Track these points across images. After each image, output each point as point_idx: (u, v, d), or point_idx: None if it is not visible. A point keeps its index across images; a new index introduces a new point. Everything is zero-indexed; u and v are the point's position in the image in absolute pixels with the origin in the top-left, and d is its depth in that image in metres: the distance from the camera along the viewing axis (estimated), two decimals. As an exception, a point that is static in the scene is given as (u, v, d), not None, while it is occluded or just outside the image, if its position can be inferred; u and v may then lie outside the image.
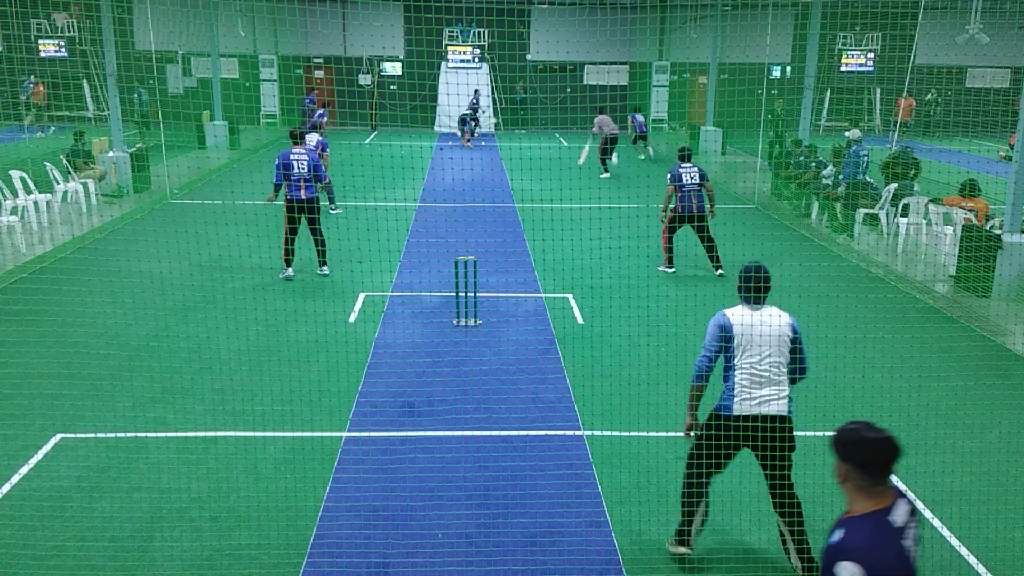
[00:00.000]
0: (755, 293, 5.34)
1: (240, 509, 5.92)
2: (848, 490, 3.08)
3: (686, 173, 12.23)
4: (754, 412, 5.22)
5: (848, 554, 2.90)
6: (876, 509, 3.03)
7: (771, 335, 5.26)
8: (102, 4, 17.08)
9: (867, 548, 2.91)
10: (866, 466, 3.03)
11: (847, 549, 2.92)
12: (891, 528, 3.00)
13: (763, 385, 5.23)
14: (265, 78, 32.41)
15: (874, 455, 3.05)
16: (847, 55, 32.00)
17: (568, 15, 32.64)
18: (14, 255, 12.41)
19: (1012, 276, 11.00)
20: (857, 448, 3.05)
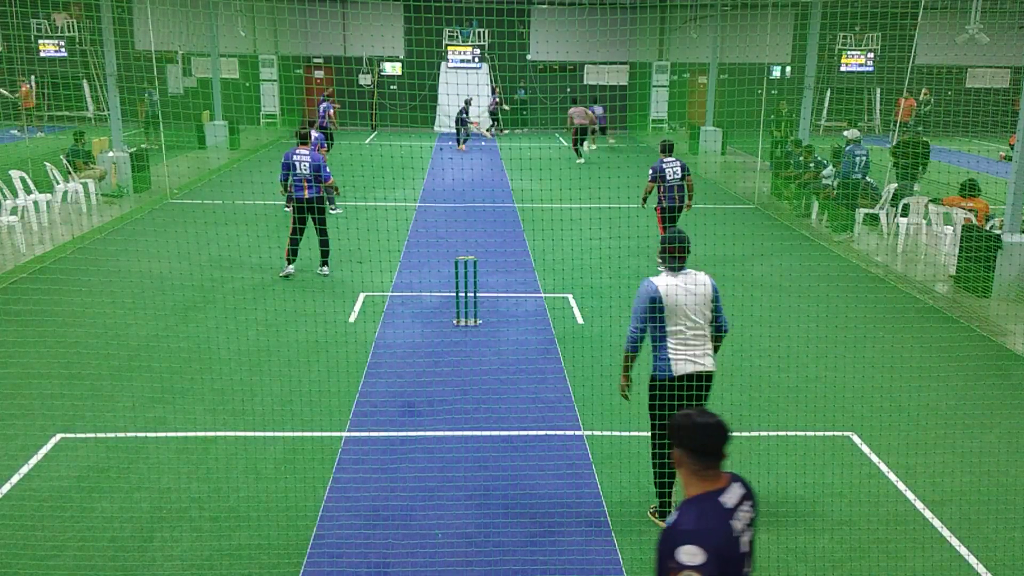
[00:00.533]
0: (677, 258, 5.72)
1: (240, 509, 5.92)
2: (683, 475, 3.13)
3: (669, 168, 12.37)
4: (691, 371, 5.57)
5: (684, 536, 2.94)
6: (708, 491, 3.09)
7: (695, 297, 5.62)
8: (102, 4, 17.08)
9: (698, 529, 2.97)
10: (696, 450, 3.09)
11: (681, 532, 2.97)
12: (721, 508, 3.05)
13: (694, 345, 5.59)
14: (265, 78, 32.40)
15: (704, 439, 3.10)
16: (847, 55, 32.00)
17: (568, 15, 32.63)
18: (14, 255, 12.41)
19: (1012, 276, 11.00)
20: (688, 433, 3.11)
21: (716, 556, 2.92)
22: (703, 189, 19.52)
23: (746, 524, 3.13)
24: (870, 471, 6.63)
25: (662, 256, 5.78)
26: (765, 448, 6.95)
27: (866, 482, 6.46)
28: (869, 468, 6.68)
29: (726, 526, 3.03)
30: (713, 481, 3.11)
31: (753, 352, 9.10)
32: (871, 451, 6.93)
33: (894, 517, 5.98)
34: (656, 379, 5.65)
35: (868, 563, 5.46)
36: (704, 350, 5.62)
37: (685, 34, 30.80)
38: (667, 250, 5.74)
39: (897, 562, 5.47)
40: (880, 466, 6.69)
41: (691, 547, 2.90)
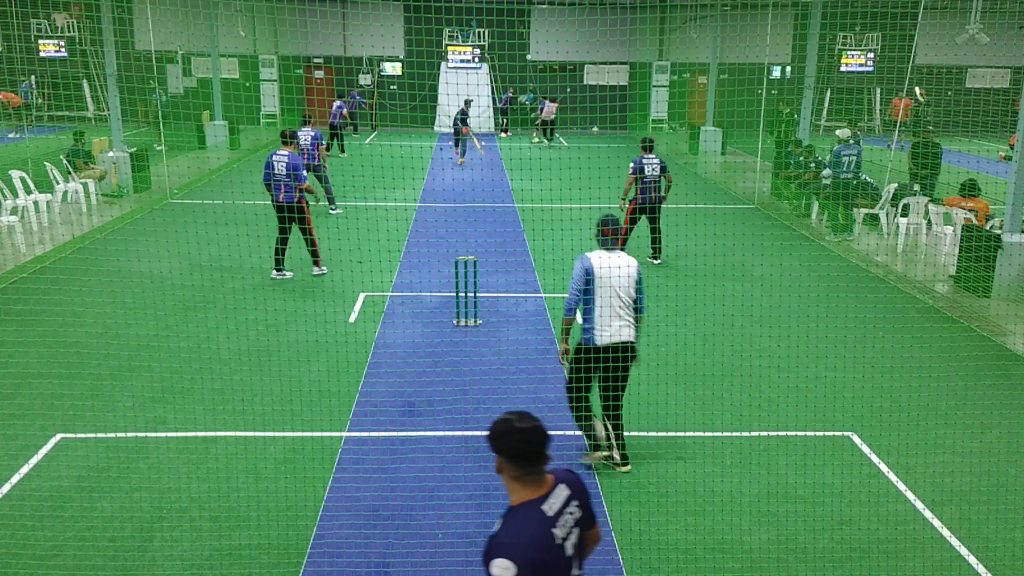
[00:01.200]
0: (611, 239, 6.37)
1: (240, 509, 5.92)
2: (505, 481, 3.11)
3: (648, 164, 12.50)
4: (612, 342, 6.24)
5: (500, 549, 2.94)
6: (530, 499, 3.07)
7: (622, 275, 6.27)
8: (102, 4, 17.08)
9: (516, 541, 2.96)
10: (516, 456, 3.06)
11: (497, 544, 2.96)
12: (541, 518, 3.04)
13: (617, 318, 6.24)
14: (265, 78, 32.40)
15: (523, 445, 3.07)
16: (847, 55, 31.99)
17: (568, 15, 32.63)
18: (14, 255, 12.41)
19: (1012, 276, 11.00)
20: (506, 439, 3.08)
21: (532, 568, 2.93)
22: (703, 189, 19.54)
23: (571, 527, 3.13)
24: (870, 471, 6.63)
25: (598, 237, 6.42)
26: (765, 448, 6.95)
27: (866, 482, 6.46)
28: (869, 468, 6.68)
29: (546, 535, 3.02)
30: (536, 487, 3.09)
31: (753, 352, 9.10)
32: (871, 451, 6.93)
33: (894, 517, 5.98)
34: (581, 346, 6.35)
35: (868, 563, 5.46)
36: (626, 323, 6.27)
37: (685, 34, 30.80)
38: (603, 231, 6.38)
39: (897, 562, 5.47)
40: (880, 466, 6.69)
41: (503, 560, 2.91)
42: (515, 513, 3.05)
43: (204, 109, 27.05)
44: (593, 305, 6.24)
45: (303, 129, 15.82)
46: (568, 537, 3.09)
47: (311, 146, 15.65)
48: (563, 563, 3.07)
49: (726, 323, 9.81)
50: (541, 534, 3.01)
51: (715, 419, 7.47)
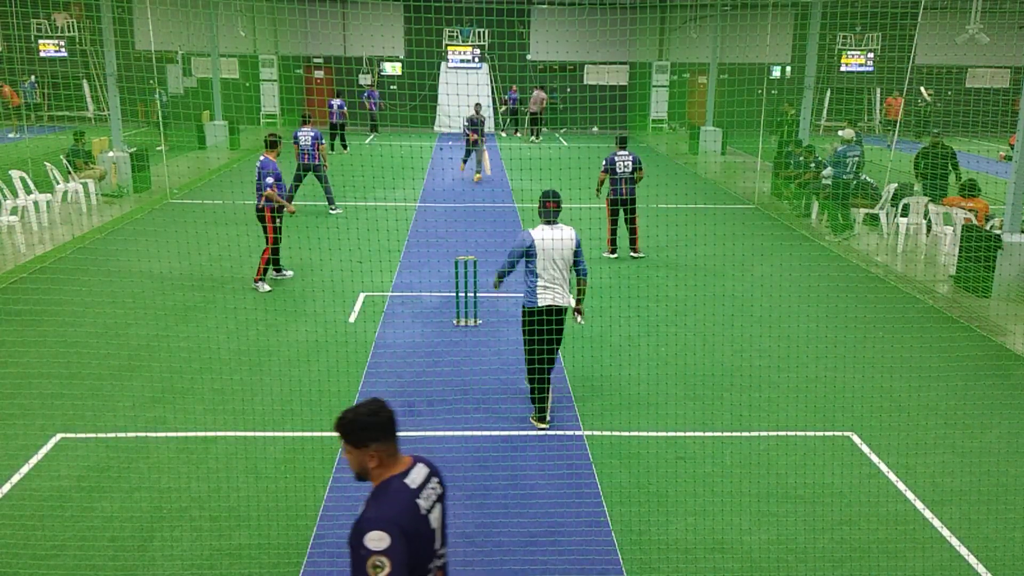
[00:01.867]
0: (552, 212, 7.12)
1: (240, 509, 5.92)
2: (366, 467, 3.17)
3: (620, 161, 12.83)
4: (551, 304, 7.01)
5: (369, 523, 3.01)
6: (392, 475, 3.17)
7: (562, 247, 7.00)
8: (102, 4, 17.08)
9: (386, 513, 3.05)
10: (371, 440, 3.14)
11: (367, 519, 3.03)
12: (406, 489, 3.14)
13: (555, 285, 7.00)
14: (265, 78, 32.41)
15: (375, 429, 3.15)
16: (847, 55, 32.00)
17: (568, 15, 32.63)
18: (14, 255, 12.41)
19: (1012, 276, 11.00)
20: (358, 427, 3.15)
21: (403, 537, 3.02)
22: (703, 189, 19.54)
23: (434, 501, 3.24)
24: (870, 471, 6.63)
25: (541, 210, 7.13)
26: (765, 448, 6.95)
27: (866, 482, 6.46)
28: (869, 468, 6.68)
29: (412, 505, 3.12)
30: (397, 464, 3.20)
31: (753, 352, 9.10)
32: (871, 451, 6.93)
33: (894, 517, 5.98)
34: (525, 309, 7.09)
35: (868, 563, 5.46)
36: (563, 289, 7.06)
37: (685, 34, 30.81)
38: (546, 205, 7.12)
39: (897, 562, 5.47)
40: (880, 466, 6.69)
41: (376, 532, 2.99)
42: (380, 490, 3.15)
43: (204, 109, 27.06)
44: (535, 275, 7.00)
45: (303, 129, 15.82)
46: (432, 510, 3.21)
47: (311, 146, 15.65)
48: (428, 535, 3.18)
49: (726, 323, 9.81)
50: (408, 504, 3.12)
51: (715, 419, 7.47)
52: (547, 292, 7.01)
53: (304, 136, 15.64)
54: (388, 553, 2.97)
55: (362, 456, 3.15)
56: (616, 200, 12.87)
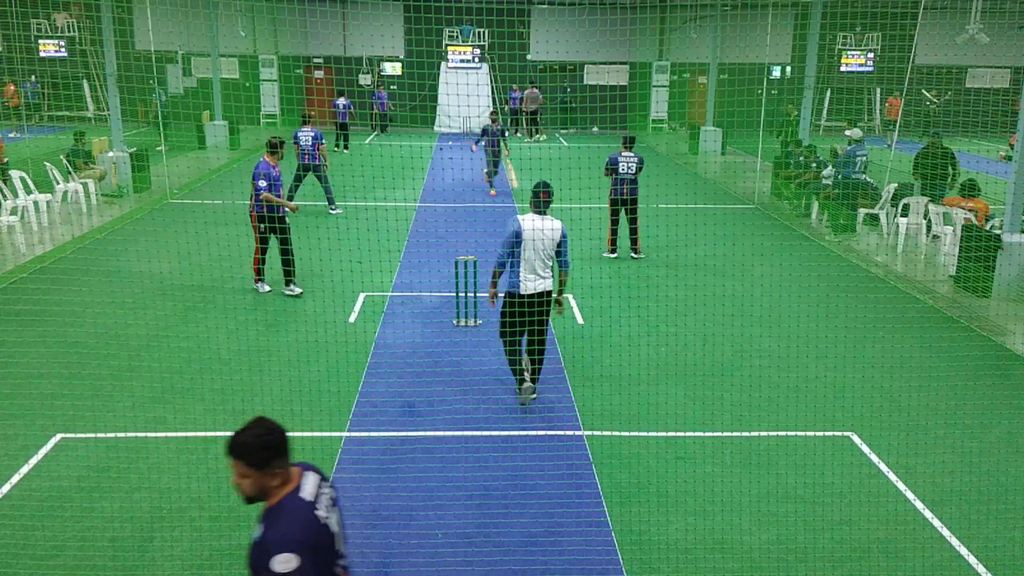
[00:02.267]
0: (542, 204, 7.39)
1: (240, 509, 5.89)
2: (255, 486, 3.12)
3: (624, 162, 12.77)
4: (533, 291, 7.33)
5: (277, 546, 2.97)
6: (287, 493, 3.13)
7: (547, 237, 7.30)
8: (102, 4, 17.09)
9: (289, 534, 3.01)
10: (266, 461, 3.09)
11: (270, 543, 2.99)
12: (304, 504, 3.12)
13: (539, 271, 7.33)
14: (265, 78, 32.41)
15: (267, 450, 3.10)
16: (847, 55, 32.00)
17: (568, 15, 32.63)
18: (14, 255, 12.41)
19: (1012, 276, 11.00)
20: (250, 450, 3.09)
21: (310, 552, 3.00)
22: (703, 189, 19.54)
23: (329, 507, 3.22)
24: (870, 471, 6.63)
25: (532, 200, 7.44)
26: (765, 448, 6.95)
27: (866, 482, 6.46)
28: (869, 468, 6.68)
29: (312, 519, 3.11)
30: (291, 480, 3.16)
31: (753, 352, 9.10)
32: (871, 451, 6.93)
33: (894, 517, 5.98)
34: (508, 293, 7.40)
35: (868, 563, 5.46)
36: (546, 275, 7.37)
37: (685, 34, 30.81)
38: (538, 195, 7.41)
39: (897, 562, 5.47)
40: (880, 466, 6.69)
41: (283, 555, 2.95)
42: (278, 509, 3.10)
43: (204, 109, 27.05)
44: (520, 260, 7.30)
45: (303, 129, 15.83)
46: (329, 517, 3.20)
47: (311, 146, 15.66)
48: (330, 543, 3.18)
49: (726, 323, 9.81)
50: (309, 519, 3.10)
51: (715, 419, 7.47)
52: (530, 279, 7.33)
53: (304, 136, 15.66)
54: (299, 573, 2.94)
55: (264, 477, 3.09)
56: (617, 200, 12.86)
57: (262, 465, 3.08)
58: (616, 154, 12.78)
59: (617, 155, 12.75)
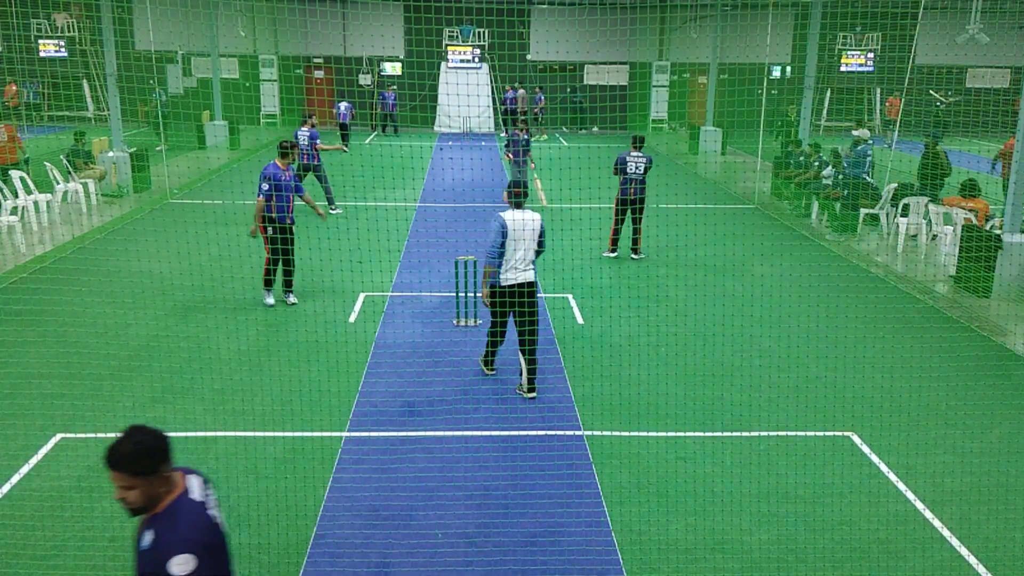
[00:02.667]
0: (518, 200, 7.78)
1: (240, 509, 5.92)
2: (143, 495, 3.06)
3: (633, 162, 12.70)
4: (516, 281, 7.70)
5: (173, 548, 2.94)
6: (176, 496, 3.10)
7: (528, 229, 7.69)
8: (102, 4, 17.08)
9: (183, 534, 2.98)
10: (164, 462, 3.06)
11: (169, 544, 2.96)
12: (195, 504, 3.10)
13: (521, 264, 7.70)
14: (265, 78, 32.41)
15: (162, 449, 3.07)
16: (847, 55, 32.00)
17: (568, 15, 32.64)
18: (14, 255, 12.41)
19: (1012, 276, 11.00)
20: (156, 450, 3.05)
21: (207, 552, 2.98)
22: (703, 189, 19.54)
23: (216, 505, 3.23)
24: (870, 471, 6.63)
25: (510, 198, 7.78)
26: (765, 448, 6.95)
27: (866, 482, 6.46)
28: (869, 468, 6.68)
29: (206, 518, 3.09)
30: (177, 484, 3.12)
31: (753, 352, 9.10)
32: (871, 451, 6.93)
33: (894, 517, 5.98)
34: (494, 286, 7.75)
35: (868, 563, 5.46)
36: (528, 266, 7.75)
37: (685, 34, 30.82)
38: (513, 193, 7.77)
39: (897, 562, 5.47)
40: (880, 466, 6.69)
41: (180, 556, 2.92)
42: (170, 513, 3.06)
43: (204, 109, 27.06)
44: (503, 255, 7.65)
45: (301, 129, 15.86)
46: (218, 515, 3.20)
47: (308, 145, 15.68)
48: (224, 541, 3.17)
49: (726, 323, 9.81)
50: (203, 519, 3.08)
51: (715, 419, 7.47)
52: (513, 272, 7.68)
53: (302, 136, 15.70)
54: (198, 573, 2.92)
55: (153, 484, 3.03)
56: (624, 200, 12.80)
57: (150, 472, 3.01)
58: (625, 153, 12.73)
59: (626, 155, 12.70)
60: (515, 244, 7.65)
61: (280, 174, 10.08)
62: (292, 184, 10.22)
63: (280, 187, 10.02)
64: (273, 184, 9.97)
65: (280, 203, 10.02)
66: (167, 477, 3.08)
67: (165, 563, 2.92)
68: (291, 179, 10.23)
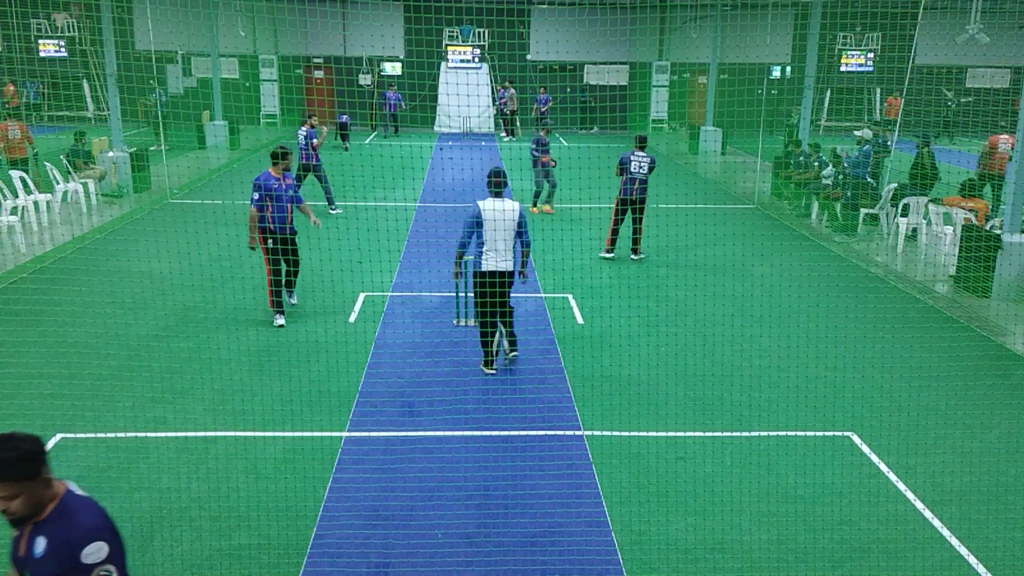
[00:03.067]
0: (496, 189, 8.21)
1: (240, 509, 5.92)
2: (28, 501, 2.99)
3: (635, 161, 12.64)
4: (495, 268, 8.10)
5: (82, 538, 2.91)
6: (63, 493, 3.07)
7: (506, 219, 8.00)
8: (102, 4, 17.08)
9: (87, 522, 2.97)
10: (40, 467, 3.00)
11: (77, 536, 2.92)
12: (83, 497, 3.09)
13: (500, 251, 8.06)
14: (265, 78, 32.40)
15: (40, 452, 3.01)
16: (847, 55, 32.01)
17: (568, 15, 32.63)
18: (14, 255, 12.41)
19: (1012, 276, 11.00)
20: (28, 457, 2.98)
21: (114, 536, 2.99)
22: (703, 189, 19.54)
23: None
24: (870, 471, 6.63)
25: (490, 188, 8.22)
26: (765, 448, 6.95)
27: (866, 482, 6.46)
28: (869, 468, 6.68)
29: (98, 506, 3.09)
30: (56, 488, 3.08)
31: (753, 352, 9.10)
32: (871, 451, 6.93)
33: (894, 517, 5.98)
34: (475, 272, 8.17)
35: (868, 563, 5.46)
36: (506, 255, 8.09)
37: (685, 34, 30.81)
38: (492, 182, 8.23)
39: (897, 562, 5.47)
40: (880, 466, 6.69)
41: (92, 544, 2.90)
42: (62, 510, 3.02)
43: (204, 109, 27.05)
44: (482, 241, 8.06)
45: (300, 129, 15.88)
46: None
47: (305, 145, 15.68)
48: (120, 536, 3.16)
49: (726, 323, 9.81)
50: (97, 507, 3.07)
51: (715, 419, 7.47)
52: (491, 258, 8.08)
53: (300, 136, 15.77)
54: (111, 560, 2.91)
55: (37, 488, 2.98)
56: (625, 200, 12.73)
57: (33, 475, 2.97)
58: (628, 153, 12.68)
59: (629, 154, 12.64)
60: (493, 232, 8.01)
61: (272, 183, 9.47)
62: (290, 194, 9.61)
63: (275, 196, 9.44)
64: (264, 193, 9.39)
65: (277, 213, 9.42)
66: (48, 480, 3.04)
67: (76, 558, 2.88)
68: (288, 188, 9.61)
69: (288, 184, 9.71)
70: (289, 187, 9.72)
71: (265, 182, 9.46)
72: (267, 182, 9.47)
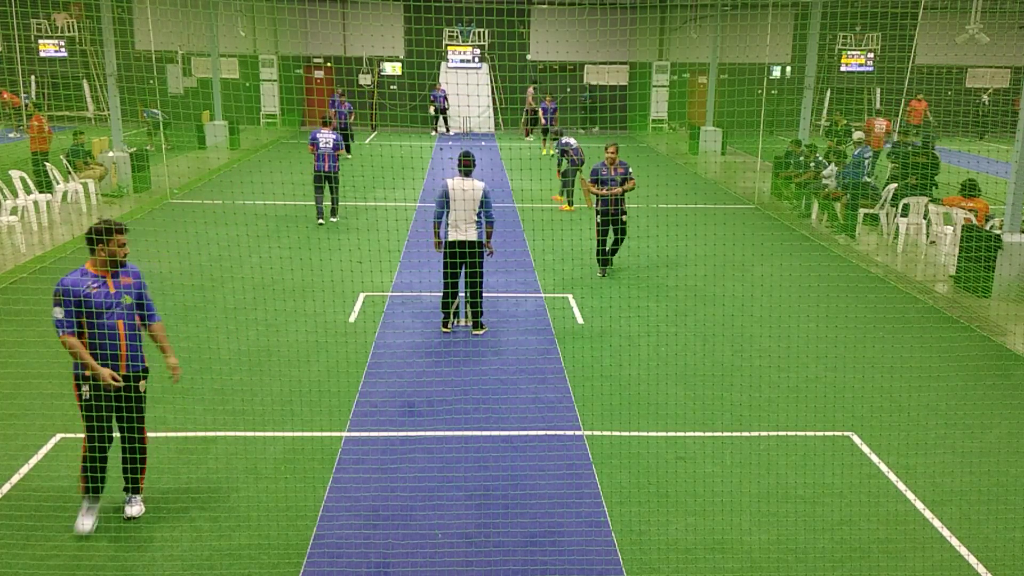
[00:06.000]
0: (465, 169, 9.14)
1: (240, 509, 5.92)
2: None
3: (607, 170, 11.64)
4: (460, 238, 9.11)
5: None
6: None
7: (469, 196, 9.02)
8: (102, 4, 17.09)
9: None
10: None
11: None
12: None
13: (464, 223, 9.07)
14: (265, 78, 32.40)
15: None
16: (847, 55, 32.02)
17: (568, 15, 32.63)
18: (14, 255, 12.41)
19: (1012, 276, 11.00)
20: None
21: None
22: (703, 189, 19.54)
23: None
24: (870, 471, 6.63)
25: (459, 168, 9.13)
26: (765, 448, 6.95)
27: (866, 482, 6.46)
28: (869, 468, 6.68)
29: None
30: None
31: (753, 352, 9.10)
32: (871, 451, 6.93)
33: (894, 517, 5.98)
34: (443, 240, 9.21)
35: (868, 563, 5.46)
36: (471, 226, 9.09)
37: (685, 34, 30.80)
38: (460, 163, 9.14)
39: (897, 562, 5.47)
40: (880, 466, 6.69)
41: None
42: None
43: (204, 109, 27.05)
44: (448, 214, 9.07)
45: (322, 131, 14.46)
46: None
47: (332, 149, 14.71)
48: None
49: (726, 323, 9.81)
50: None
51: (715, 419, 7.48)
52: (455, 229, 9.05)
53: (324, 139, 14.52)
54: None
55: None
56: (605, 211, 11.62)
57: None
58: (601, 164, 11.69)
59: (602, 164, 11.65)
60: (455, 205, 9.00)
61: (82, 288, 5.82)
62: (122, 304, 5.87)
63: (94, 311, 5.74)
64: (73, 310, 5.71)
65: (100, 339, 5.74)
66: None
67: None
68: (117, 295, 5.86)
69: (121, 287, 5.92)
70: (119, 294, 5.87)
71: (74, 287, 5.74)
72: (76, 287, 5.75)
